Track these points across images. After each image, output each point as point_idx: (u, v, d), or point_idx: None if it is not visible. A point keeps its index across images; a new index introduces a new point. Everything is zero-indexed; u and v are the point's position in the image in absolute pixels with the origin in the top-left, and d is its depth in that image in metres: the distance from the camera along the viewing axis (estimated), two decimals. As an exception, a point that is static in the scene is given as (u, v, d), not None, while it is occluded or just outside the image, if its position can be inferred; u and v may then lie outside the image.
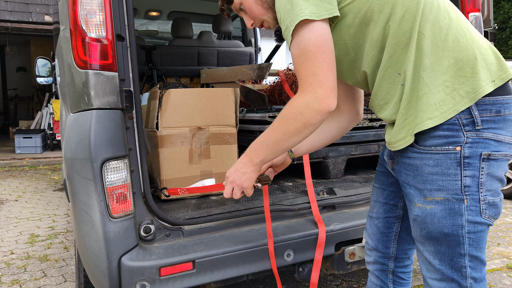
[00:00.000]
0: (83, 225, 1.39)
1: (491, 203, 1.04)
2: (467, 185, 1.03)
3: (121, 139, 1.39)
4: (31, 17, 7.39)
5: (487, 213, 1.04)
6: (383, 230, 1.35)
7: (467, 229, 1.04)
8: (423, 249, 1.13)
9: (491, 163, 1.03)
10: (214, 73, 3.12)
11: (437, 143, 1.04)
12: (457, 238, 1.05)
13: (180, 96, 1.88)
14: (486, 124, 1.02)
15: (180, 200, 1.89)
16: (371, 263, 1.41)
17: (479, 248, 1.06)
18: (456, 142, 1.03)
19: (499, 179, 1.06)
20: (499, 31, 12.92)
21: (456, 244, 1.05)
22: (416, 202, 1.10)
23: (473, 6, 2.11)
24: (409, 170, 1.12)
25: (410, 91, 1.07)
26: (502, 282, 2.50)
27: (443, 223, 1.05)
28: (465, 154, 1.02)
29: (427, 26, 1.05)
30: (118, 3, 1.43)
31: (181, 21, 4.02)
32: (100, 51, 1.36)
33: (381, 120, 2.46)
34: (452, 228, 1.04)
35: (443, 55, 1.04)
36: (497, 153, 1.03)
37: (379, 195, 1.35)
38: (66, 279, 2.62)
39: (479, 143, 1.02)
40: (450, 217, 1.04)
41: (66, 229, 3.65)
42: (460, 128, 1.03)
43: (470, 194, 1.03)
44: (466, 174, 1.03)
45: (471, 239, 1.05)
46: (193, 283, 1.46)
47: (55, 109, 7.27)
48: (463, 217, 1.04)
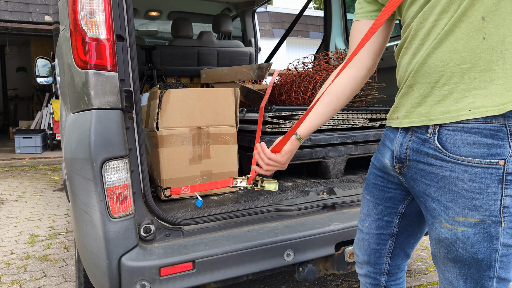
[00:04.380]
0: (83, 225, 1.39)
1: None
2: (507, 206, 0.90)
3: (121, 139, 1.39)
4: (31, 17, 7.39)
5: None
6: (375, 246, 1.25)
7: (501, 252, 0.93)
8: (445, 269, 1.01)
9: None
10: (214, 73, 3.12)
11: (477, 154, 0.89)
12: (489, 262, 0.93)
13: (180, 96, 1.88)
14: None
15: (180, 200, 1.89)
16: (363, 276, 1.34)
17: (508, 269, 0.95)
18: (500, 154, 0.87)
19: None
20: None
21: (487, 268, 0.94)
22: (443, 222, 0.96)
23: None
24: (431, 180, 0.97)
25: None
26: (502, 282, 2.50)
27: (477, 248, 0.93)
28: (508, 170, 0.88)
29: None
30: (118, 3, 1.43)
31: (181, 21, 4.02)
32: (100, 51, 1.36)
33: (381, 120, 2.46)
34: (486, 253, 0.92)
35: None
36: None
37: (371, 209, 1.23)
38: (66, 279, 2.62)
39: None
40: (485, 242, 0.92)
41: (66, 229, 3.65)
42: (506, 137, 0.88)
43: (508, 215, 0.90)
44: (507, 193, 0.89)
45: (503, 262, 0.94)
46: (193, 283, 1.46)
47: (55, 109, 7.28)
48: (499, 241, 0.92)
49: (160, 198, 1.88)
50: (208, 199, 1.90)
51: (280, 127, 2.12)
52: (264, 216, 1.74)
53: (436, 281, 2.52)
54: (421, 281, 2.52)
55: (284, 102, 2.53)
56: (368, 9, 1.19)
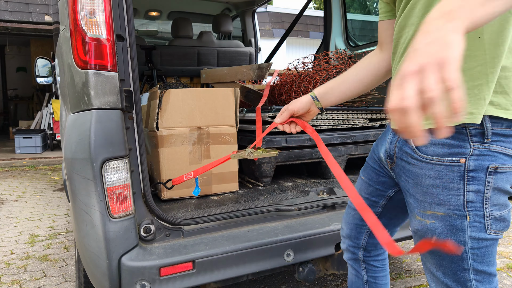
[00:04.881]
0: (83, 225, 1.39)
1: (497, 217, 0.97)
2: (470, 201, 0.96)
3: (121, 139, 1.39)
4: (31, 17, 7.39)
5: (493, 228, 0.98)
6: (358, 222, 1.35)
7: (470, 245, 0.98)
8: (426, 260, 1.08)
9: (498, 176, 0.96)
10: (214, 73, 3.12)
11: (440, 153, 0.96)
12: (460, 254, 0.99)
13: (180, 96, 1.88)
14: (495, 137, 0.94)
15: (180, 200, 1.89)
16: (345, 251, 1.44)
17: (485, 262, 0.99)
18: (461, 154, 0.94)
19: (505, 191, 0.99)
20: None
21: (459, 259, 0.99)
22: (416, 215, 1.04)
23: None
24: (409, 177, 1.06)
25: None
26: (502, 282, 2.50)
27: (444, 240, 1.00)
28: (469, 167, 0.94)
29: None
30: (118, 3, 1.43)
31: (181, 21, 4.02)
32: (100, 51, 1.36)
33: (381, 120, 2.46)
34: (453, 245, 0.98)
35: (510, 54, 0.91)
36: (505, 165, 0.96)
37: (363, 188, 1.31)
38: (66, 279, 2.62)
39: (486, 156, 0.94)
40: (452, 234, 0.98)
41: (66, 229, 3.65)
42: (467, 138, 0.94)
43: (473, 210, 0.96)
44: (469, 189, 0.95)
45: (476, 255, 0.98)
46: (193, 283, 1.46)
47: (55, 109, 7.28)
48: (466, 234, 0.97)
49: (160, 198, 1.88)
50: (208, 199, 1.90)
51: (280, 127, 2.11)
52: (264, 216, 1.74)
53: (436, 281, 2.53)
54: (421, 281, 2.52)
55: (284, 102, 2.53)
56: (386, 9, 1.22)
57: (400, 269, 2.73)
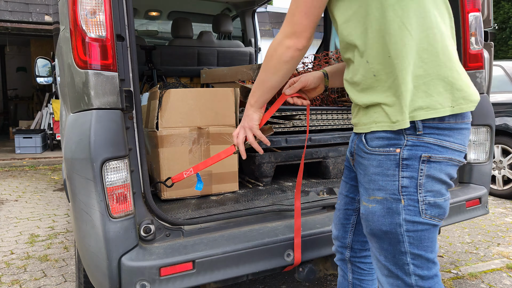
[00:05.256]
0: (83, 225, 1.39)
1: (432, 203, 1.06)
2: (405, 186, 1.06)
3: (121, 139, 1.39)
4: (31, 17, 7.39)
5: (428, 213, 1.07)
6: (343, 221, 1.42)
7: (405, 227, 1.07)
8: (371, 245, 1.18)
9: (431, 165, 1.05)
10: (214, 73, 3.12)
11: (380, 145, 1.09)
12: (396, 236, 1.08)
13: (180, 96, 1.88)
14: (428, 130, 1.05)
15: (180, 200, 1.89)
16: (335, 252, 1.49)
17: (422, 246, 1.08)
18: (397, 145, 1.06)
19: (441, 180, 1.07)
20: (499, 31, 12.92)
21: (396, 242, 1.09)
22: (363, 201, 1.16)
23: (473, 6, 2.11)
24: (361, 169, 1.17)
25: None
26: (502, 282, 2.50)
27: (382, 221, 1.10)
28: (403, 156, 1.06)
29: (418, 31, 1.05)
30: (118, 3, 1.43)
31: (181, 21, 4.02)
32: (100, 51, 1.36)
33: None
34: (390, 226, 1.09)
35: (419, 63, 1.05)
36: (439, 156, 1.05)
37: (343, 187, 1.42)
38: (66, 279, 2.62)
39: (419, 146, 1.05)
40: (388, 216, 1.08)
41: (66, 229, 3.65)
42: (401, 131, 1.06)
43: (407, 194, 1.06)
44: (403, 175, 1.06)
45: (412, 238, 1.07)
46: (193, 283, 1.46)
47: (55, 109, 7.27)
48: (401, 216, 1.07)
49: (160, 198, 1.88)
50: (208, 199, 1.90)
51: (280, 127, 2.12)
52: (264, 216, 1.74)
53: (436, 281, 2.53)
54: (421, 281, 2.53)
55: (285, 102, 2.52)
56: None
57: (400, 269, 2.73)
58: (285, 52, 1.15)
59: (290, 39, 1.13)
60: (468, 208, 2.09)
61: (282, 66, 1.18)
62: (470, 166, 2.19)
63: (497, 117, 4.48)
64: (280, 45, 1.16)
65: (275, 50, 1.17)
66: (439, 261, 2.86)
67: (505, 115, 4.49)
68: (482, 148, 2.20)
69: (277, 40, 1.16)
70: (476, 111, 2.16)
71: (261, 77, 1.25)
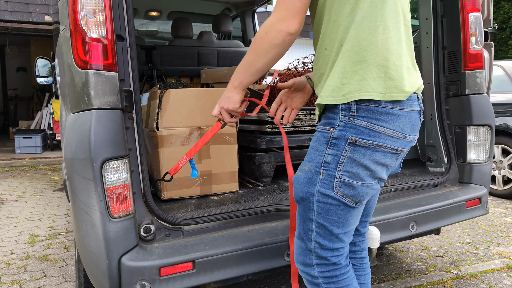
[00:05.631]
0: (83, 225, 1.39)
1: (346, 183, 1.15)
2: (327, 162, 1.17)
3: (121, 139, 1.39)
4: (31, 17, 7.39)
5: (340, 191, 1.16)
6: None
7: (317, 198, 1.19)
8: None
9: (356, 148, 1.13)
10: (214, 73, 3.12)
11: (323, 123, 1.20)
12: (308, 203, 1.21)
13: (180, 96, 1.88)
14: (363, 112, 1.12)
15: (180, 200, 1.89)
16: None
17: (327, 219, 1.19)
18: (332, 124, 1.17)
19: (364, 166, 1.14)
20: (499, 31, 12.92)
21: (308, 209, 1.21)
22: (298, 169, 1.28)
23: (473, 6, 2.11)
24: None
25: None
26: (502, 282, 2.50)
27: (301, 188, 1.22)
28: (334, 135, 1.16)
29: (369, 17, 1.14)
30: (118, 3, 1.43)
31: (181, 21, 4.02)
32: (100, 51, 1.36)
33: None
34: (306, 194, 1.21)
35: (358, 50, 1.13)
36: (366, 141, 1.12)
37: None
38: (66, 279, 2.62)
39: (349, 128, 1.14)
40: (307, 185, 1.20)
41: (66, 229, 3.65)
42: (339, 112, 1.15)
43: (327, 169, 1.17)
44: (329, 152, 1.17)
45: (320, 208, 1.19)
46: (193, 283, 1.46)
47: (55, 109, 7.28)
48: (316, 187, 1.18)
49: (160, 198, 1.88)
50: (208, 199, 1.90)
51: (280, 127, 2.11)
52: (264, 216, 1.74)
53: (435, 281, 2.53)
54: (421, 281, 2.52)
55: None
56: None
57: (400, 269, 2.73)
58: (277, 35, 1.15)
59: (283, 22, 1.14)
60: (468, 208, 2.09)
61: (272, 49, 1.18)
62: (470, 166, 2.20)
63: (497, 117, 4.48)
64: (271, 28, 1.16)
65: (266, 33, 1.17)
66: (439, 261, 2.87)
67: (505, 115, 4.49)
68: (482, 148, 2.20)
69: (269, 23, 1.17)
70: (476, 111, 2.16)
71: (248, 59, 1.25)
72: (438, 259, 2.90)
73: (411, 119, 1.17)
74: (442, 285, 2.47)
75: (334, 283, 1.25)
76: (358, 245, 1.47)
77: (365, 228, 1.49)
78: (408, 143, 1.19)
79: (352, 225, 1.24)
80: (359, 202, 1.19)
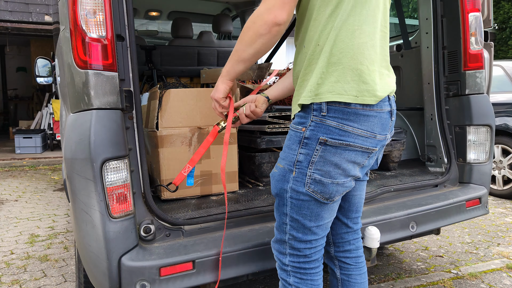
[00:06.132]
0: (83, 225, 1.39)
1: (317, 180, 1.19)
2: (300, 160, 1.21)
3: (121, 139, 1.39)
4: (31, 17, 7.39)
5: (311, 187, 1.21)
6: None
7: (290, 194, 1.24)
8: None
9: (327, 148, 1.17)
10: (214, 73, 3.12)
11: (295, 122, 1.24)
12: (282, 199, 1.27)
13: (180, 96, 1.88)
14: (333, 113, 1.16)
15: (180, 200, 1.89)
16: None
17: (300, 213, 1.25)
18: (304, 124, 1.20)
19: (335, 164, 1.18)
20: (499, 31, 12.92)
21: (282, 204, 1.28)
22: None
23: (473, 6, 2.11)
24: None
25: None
26: (502, 282, 2.50)
27: (276, 185, 1.28)
28: (306, 135, 1.19)
29: (350, 20, 1.15)
30: (118, 3, 1.43)
31: (181, 21, 4.02)
32: (100, 51, 1.36)
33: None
34: (280, 190, 1.27)
35: (335, 52, 1.16)
36: (336, 141, 1.16)
37: None
38: (66, 279, 2.62)
39: (320, 128, 1.17)
40: (281, 182, 1.26)
41: (66, 229, 3.65)
42: (310, 112, 1.18)
43: (300, 168, 1.21)
44: (301, 151, 1.20)
45: (293, 204, 1.25)
46: (193, 283, 1.46)
47: (55, 109, 7.28)
48: (289, 184, 1.24)
49: (160, 198, 1.88)
50: (208, 199, 1.90)
51: (281, 127, 2.12)
52: (264, 216, 1.74)
53: (435, 281, 2.53)
54: (421, 281, 2.53)
55: (284, 102, 2.53)
56: None
57: (400, 269, 2.73)
58: (263, 25, 1.15)
59: (270, 12, 1.13)
60: (468, 208, 2.09)
61: (258, 38, 1.17)
62: (470, 166, 2.20)
63: (497, 117, 4.49)
64: (258, 17, 1.16)
65: (254, 23, 1.17)
66: (439, 261, 2.87)
67: (505, 115, 4.49)
68: (482, 148, 2.20)
69: (257, 13, 1.16)
70: (476, 111, 2.16)
71: (236, 48, 1.25)
72: (438, 259, 2.90)
73: (381, 119, 1.20)
74: (442, 285, 2.47)
75: (301, 274, 1.32)
76: (353, 244, 1.47)
77: (358, 225, 1.49)
78: (379, 142, 1.22)
79: (326, 219, 1.29)
80: (330, 198, 1.23)
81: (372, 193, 1.98)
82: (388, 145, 2.40)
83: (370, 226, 1.70)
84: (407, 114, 2.85)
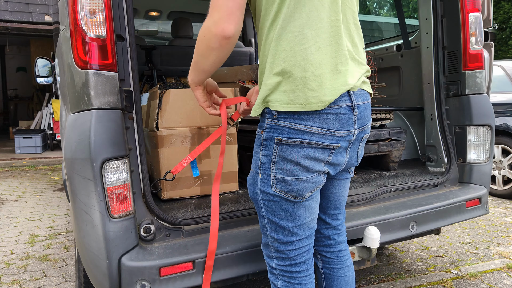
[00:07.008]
0: (83, 225, 1.39)
1: (281, 180, 1.20)
2: (263, 162, 1.23)
3: (121, 139, 1.39)
4: (31, 17, 7.39)
5: (277, 188, 1.21)
6: None
7: (261, 196, 1.26)
8: None
9: (283, 147, 1.18)
10: (214, 73, 3.12)
11: (259, 126, 1.27)
12: (257, 202, 1.29)
13: (180, 96, 1.88)
14: (283, 115, 1.17)
15: (180, 200, 1.89)
16: None
17: (275, 214, 1.26)
18: (262, 127, 1.23)
19: (294, 162, 1.18)
20: (499, 31, 12.92)
21: (258, 207, 1.30)
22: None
23: (473, 6, 2.11)
24: None
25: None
26: (502, 282, 2.50)
27: (249, 189, 1.31)
28: (264, 137, 1.22)
29: (295, 24, 1.14)
30: (118, 3, 1.43)
31: (181, 21, 4.02)
32: (100, 51, 1.36)
33: (381, 120, 2.46)
34: (252, 194, 1.29)
35: (279, 62, 1.16)
36: (291, 139, 1.17)
37: None
38: (66, 279, 2.63)
39: (275, 129, 1.19)
40: (252, 185, 1.29)
41: (66, 229, 3.66)
42: (265, 115, 1.22)
43: (264, 169, 1.23)
44: (262, 153, 1.23)
45: (266, 206, 1.26)
46: (193, 283, 1.46)
47: (55, 109, 7.28)
48: (258, 187, 1.26)
49: (160, 198, 1.88)
50: (208, 199, 1.90)
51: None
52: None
53: (435, 281, 2.53)
54: (421, 281, 2.53)
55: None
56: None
57: (400, 269, 2.73)
58: (212, 39, 1.13)
59: (217, 25, 1.11)
60: (468, 208, 2.09)
61: (211, 52, 1.17)
62: (470, 166, 2.20)
63: (497, 117, 4.49)
64: (207, 31, 1.14)
65: (204, 36, 1.15)
66: (439, 261, 2.87)
67: (505, 115, 4.49)
68: (482, 148, 2.20)
69: (205, 26, 1.14)
70: (476, 111, 2.16)
71: (194, 59, 1.25)
72: (438, 259, 2.90)
73: (337, 116, 1.17)
74: (442, 285, 2.47)
75: (288, 277, 1.31)
76: (333, 239, 1.47)
77: (337, 221, 1.47)
78: (340, 138, 1.19)
79: (305, 218, 1.27)
80: (299, 196, 1.21)
81: (372, 193, 1.98)
82: (388, 145, 2.40)
83: (370, 226, 1.70)
84: (407, 114, 2.85)
